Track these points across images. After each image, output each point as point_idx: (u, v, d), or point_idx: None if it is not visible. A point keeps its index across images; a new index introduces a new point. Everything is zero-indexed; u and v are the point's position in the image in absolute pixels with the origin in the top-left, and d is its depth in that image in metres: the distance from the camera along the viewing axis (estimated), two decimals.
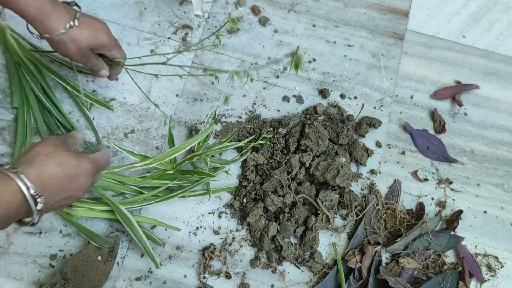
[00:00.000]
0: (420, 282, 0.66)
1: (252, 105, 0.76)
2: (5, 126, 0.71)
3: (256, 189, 0.70)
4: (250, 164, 0.70)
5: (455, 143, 0.76)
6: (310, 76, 0.78)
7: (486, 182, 0.74)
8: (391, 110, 0.77)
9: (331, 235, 0.70)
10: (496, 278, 0.69)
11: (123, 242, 0.67)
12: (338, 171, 0.67)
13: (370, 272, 0.66)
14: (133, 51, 0.77)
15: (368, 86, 0.78)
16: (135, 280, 0.65)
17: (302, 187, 0.69)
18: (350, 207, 0.69)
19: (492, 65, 0.81)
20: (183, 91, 0.76)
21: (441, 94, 0.78)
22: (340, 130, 0.73)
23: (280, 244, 0.66)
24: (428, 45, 0.82)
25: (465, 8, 0.85)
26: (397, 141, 0.76)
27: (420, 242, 0.68)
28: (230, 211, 0.70)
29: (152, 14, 0.80)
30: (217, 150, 0.68)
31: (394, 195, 0.72)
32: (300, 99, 0.77)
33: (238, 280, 0.66)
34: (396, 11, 0.84)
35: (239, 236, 0.68)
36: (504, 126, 0.77)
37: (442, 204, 0.72)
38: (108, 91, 0.74)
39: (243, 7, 0.82)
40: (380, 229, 0.69)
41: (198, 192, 0.68)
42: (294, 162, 0.69)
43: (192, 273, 0.66)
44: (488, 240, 0.71)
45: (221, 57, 0.78)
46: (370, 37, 0.81)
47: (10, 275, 0.64)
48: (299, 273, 0.67)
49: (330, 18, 0.82)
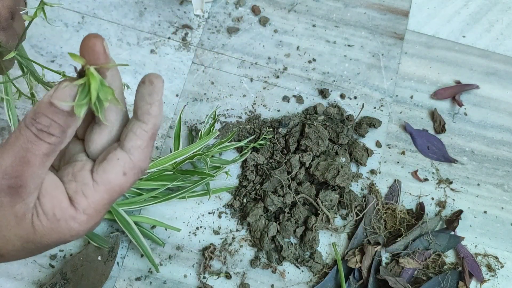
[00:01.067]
0: (420, 282, 0.66)
1: (252, 105, 0.76)
2: (5, 126, 0.71)
3: (256, 189, 0.70)
4: (250, 164, 0.70)
5: (455, 143, 0.76)
6: (310, 76, 0.78)
7: (486, 182, 0.74)
8: (391, 110, 0.77)
9: (331, 235, 0.70)
10: (496, 278, 0.69)
11: (123, 242, 0.67)
12: (338, 171, 0.67)
13: (370, 272, 0.66)
14: (133, 51, 0.77)
15: (368, 86, 0.78)
16: (135, 280, 0.66)
17: (302, 187, 0.69)
18: (350, 207, 0.69)
19: (492, 65, 0.81)
20: (183, 91, 0.76)
21: (441, 94, 0.78)
22: (340, 130, 0.73)
23: (280, 244, 0.67)
24: (428, 45, 0.82)
25: (465, 8, 0.85)
26: (397, 141, 0.76)
27: (420, 242, 0.68)
28: (230, 211, 0.70)
29: (152, 14, 0.80)
30: (217, 150, 0.68)
31: (394, 195, 0.72)
32: (300, 99, 0.77)
33: (238, 280, 0.66)
34: (396, 11, 0.84)
35: (239, 236, 0.68)
36: (504, 126, 0.77)
37: (442, 204, 0.72)
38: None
39: (243, 7, 0.82)
40: (380, 229, 0.69)
41: (198, 193, 0.68)
42: (294, 162, 0.69)
43: (192, 273, 0.66)
44: (488, 240, 0.71)
45: (221, 57, 0.78)
46: (370, 37, 0.81)
47: (10, 275, 0.64)
48: (299, 273, 0.67)
49: (330, 18, 0.82)
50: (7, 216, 0.28)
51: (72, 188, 0.29)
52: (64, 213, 0.29)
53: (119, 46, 0.77)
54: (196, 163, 0.69)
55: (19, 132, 0.27)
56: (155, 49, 0.78)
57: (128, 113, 0.32)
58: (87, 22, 0.78)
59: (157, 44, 0.78)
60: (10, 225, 0.29)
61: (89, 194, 0.29)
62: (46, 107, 0.27)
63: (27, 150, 0.27)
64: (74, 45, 0.77)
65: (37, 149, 0.27)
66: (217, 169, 0.69)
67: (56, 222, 0.29)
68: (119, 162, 0.30)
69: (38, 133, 0.27)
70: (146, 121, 0.30)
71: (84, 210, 0.29)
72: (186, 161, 0.66)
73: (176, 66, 0.77)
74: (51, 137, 0.27)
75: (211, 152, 0.66)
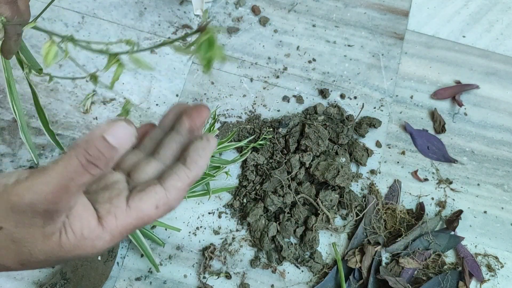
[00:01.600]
0: (420, 282, 0.66)
1: (252, 105, 0.76)
2: (5, 126, 0.71)
3: (256, 189, 0.70)
4: (250, 164, 0.70)
5: (455, 143, 0.76)
6: (310, 76, 0.78)
7: (486, 182, 0.74)
8: (391, 110, 0.77)
9: (331, 235, 0.70)
10: (496, 278, 0.69)
11: (123, 242, 0.67)
12: (338, 171, 0.67)
13: (370, 272, 0.66)
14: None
15: (368, 86, 0.78)
16: (135, 280, 0.66)
17: (302, 187, 0.69)
18: (350, 207, 0.69)
19: (492, 65, 0.81)
20: (183, 91, 0.76)
21: (441, 94, 0.78)
22: (340, 130, 0.73)
23: (280, 244, 0.67)
24: (428, 45, 0.82)
25: (465, 8, 0.85)
26: (397, 141, 0.76)
27: (420, 242, 0.68)
28: (230, 211, 0.70)
29: (152, 14, 0.80)
30: (217, 150, 0.68)
31: (394, 195, 0.72)
32: (300, 99, 0.77)
33: (238, 280, 0.66)
34: (396, 11, 0.84)
35: (239, 236, 0.68)
36: (504, 126, 0.77)
37: (442, 204, 0.72)
38: (108, 91, 0.74)
39: (243, 7, 0.82)
40: (380, 229, 0.69)
41: (198, 193, 0.68)
42: (294, 162, 0.69)
43: (192, 273, 0.66)
44: (488, 240, 0.71)
45: None
46: (370, 37, 0.81)
47: (10, 275, 0.64)
48: (299, 273, 0.67)
49: (330, 18, 0.82)
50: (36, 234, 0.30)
51: (105, 208, 0.31)
52: (91, 232, 0.31)
53: (119, 46, 0.77)
54: None
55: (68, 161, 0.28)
56: (155, 49, 0.78)
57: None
58: (87, 22, 0.78)
59: (157, 44, 0.78)
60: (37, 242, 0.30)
61: (120, 216, 0.31)
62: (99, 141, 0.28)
63: (71, 180, 0.28)
64: None
65: (81, 180, 0.28)
66: (217, 169, 0.69)
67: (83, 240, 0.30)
68: (156, 196, 0.32)
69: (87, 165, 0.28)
70: (192, 168, 0.33)
71: (111, 230, 0.31)
72: None
73: (176, 66, 0.77)
74: (96, 169, 0.29)
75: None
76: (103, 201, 0.32)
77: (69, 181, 0.28)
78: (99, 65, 0.75)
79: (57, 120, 0.72)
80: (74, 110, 0.73)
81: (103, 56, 0.80)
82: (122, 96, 0.74)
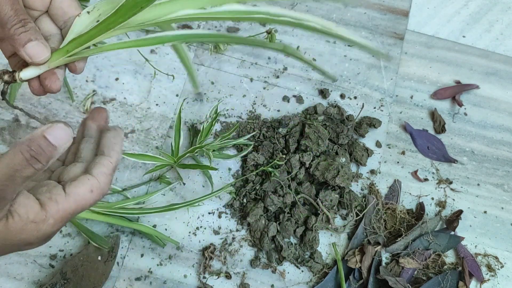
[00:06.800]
0: (420, 282, 0.66)
1: (252, 105, 0.76)
2: (5, 126, 0.71)
3: (256, 189, 0.70)
4: (250, 164, 0.70)
5: (455, 143, 0.76)
6: (310, 76, 0.78)
7: (486, 182, 0.74)
8: (391, 110, 0.77)
9: (331, 235, 0.70)
10: (496, 278, 0.69)
11: (123, 242, 0.67)
12: (338, 171, 0.67)
13: (370, 272, 0.66)
14: (133, 51, 0.77)
15: (368, 86, 0.78)
16: (135, 280, 0.66)
17: (302, 187, 0.69)
18: (350, 207, 0.69)
19: (492, 65, 0.81)
20: (183, 91, 0.76)
21: (441, 94, 0.78)
22: (340, 130, 0.73)
23: (280, 244, 0.66)
24: (428, 45, 0.82)
25: (465, 8, 0.85)
26: (397, 141, 0.76)
27: (420, 242, 0.68)
28: (230, 211, 0.70)
29: None
30: (218, 144, 0.68)
31: (394, 195, 0.72)
32: (300, 99, 0.77)
33: (238, 280, 0.66)
34: (396, 11, 0.84)
35: (239, 236, 0.68)
36: (504, 126, 0.77)
37: (442, 204, 0.72)
38: (108, 91, 0.74)
39: None
40: (380, 229, 0.69)
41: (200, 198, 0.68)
42: (294, 162, 0.69)
43: (192, 273, 0.66)
44: (488, 240, 0.71)
45: (221, 57, 0.78)
46: (370, 37, 0.81)
47: (10, 275, 0.64)
48: (299, 273, 0.67)
49: (330, 18, 0.82)
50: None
51: (46, 196, 0.36)
52: (36, 216, 0.35)
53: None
54: (197, 157, 0.70)
55: (13, 155, 0.33)
56: (155, 49, 0.78)
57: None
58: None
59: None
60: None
61: (60, 201, 0.36)
62: (40, 139, 0.34)
63: (16, 171, 0.33)
64: None
65: (25, 172, 0.33)
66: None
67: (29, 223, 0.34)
68: (89, 182, 0.37)
69: (30, 159, 0.33)
70: (111, 155, 0.39)
71: (53, 215, 0.35)
72: (186, 155, 0.66)
73: (176, 66, 0.77)
74: (38, 164, 0.33)
75: (212, 146, 0.66)
76: (42, 193, 0.36)
77: (14, 172, 0.33)
78: (99, 65, 0.75)
79: (57, 120, 0.72)
80: (74, 110, 0.73)
81: (103, 56, 0.81)
82: (122, 96, 0.74)
